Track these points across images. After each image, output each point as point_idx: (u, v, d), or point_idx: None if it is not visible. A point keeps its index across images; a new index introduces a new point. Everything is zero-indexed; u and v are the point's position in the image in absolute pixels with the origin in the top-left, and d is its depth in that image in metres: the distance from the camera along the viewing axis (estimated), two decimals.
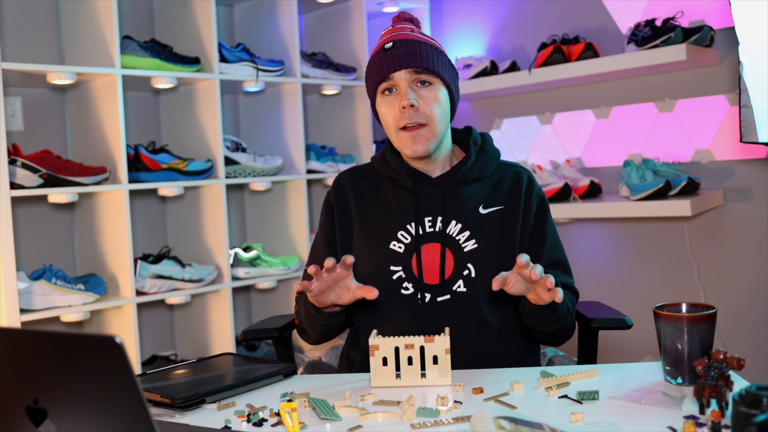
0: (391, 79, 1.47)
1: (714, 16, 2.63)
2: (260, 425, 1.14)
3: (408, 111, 1.45)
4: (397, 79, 1.47)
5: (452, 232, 1.51)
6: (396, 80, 1.47)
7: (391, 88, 1.48)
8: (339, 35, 3.22)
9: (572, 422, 1.07)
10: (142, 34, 2.87)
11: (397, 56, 1.46)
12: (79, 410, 0.83)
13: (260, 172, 2.84)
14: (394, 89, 1.48)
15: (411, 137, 1.47)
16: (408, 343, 1.28)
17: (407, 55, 1.46)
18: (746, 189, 2.59)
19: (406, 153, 1.50)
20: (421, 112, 1.46)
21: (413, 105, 1.45)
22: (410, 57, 1.46)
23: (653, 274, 2.82)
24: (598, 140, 2.95)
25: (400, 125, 1.47)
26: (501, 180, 1.57)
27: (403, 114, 1.46)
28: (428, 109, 1.47)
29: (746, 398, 0.90)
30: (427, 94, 1.47)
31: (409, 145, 1.48)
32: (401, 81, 1.46)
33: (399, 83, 1.47)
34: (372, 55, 1.52)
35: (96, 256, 2.61)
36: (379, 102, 1.51)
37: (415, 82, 1.47)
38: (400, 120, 1.47)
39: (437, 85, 1.48)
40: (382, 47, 1.49)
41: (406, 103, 1.45)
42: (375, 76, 1.49)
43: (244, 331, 1.74)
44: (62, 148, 2.72)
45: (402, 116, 1.46)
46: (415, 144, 1.47)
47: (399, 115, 1.47)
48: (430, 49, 1.48)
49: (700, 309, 1.25)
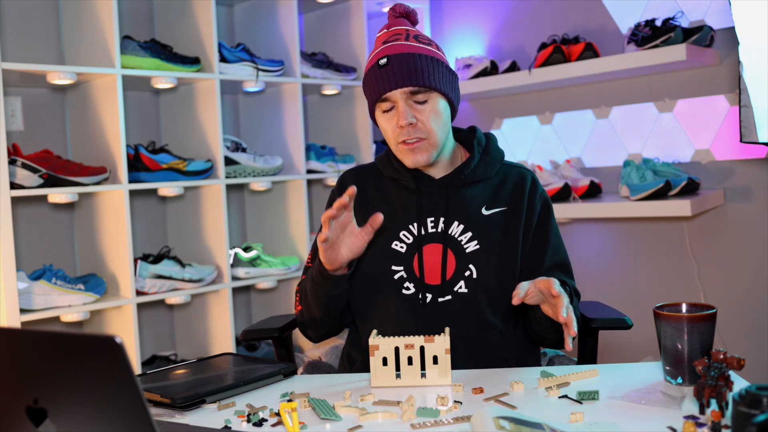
0: (388, 99, 1.47)
1: (714, 16, 2.63)
2: (260, 425, 1.14)
3: (407, 129, 1.46)
4: (393, 99, 1.46)
5: (454, 232, 1.51)
6: (392, 99, 1.46)
7: (390, 103, 1.48)
8: (339, 35, 3.22)
9: (572, 422, 1.07)
10: (142, 34, 2.87)
11: (392, 74, 1.45)
12: (79, 410, 0.83)
13: (260, 172, 2.84)
14: (393, 105, 1.48)
15: (410, 150, 1.47)
16: (408, 343, 1.28)
17: (402, 72, 1.44)
18: (746, 189, 2.59)
19: (406, 164, 1.50)
20: (420, 128, 1.46)
21: (411, 123, 1.45)
22: (405, 75, 1.44)
23: (653, 274, 2.82)
24: (598, 140, 2.95)
25: (399, 140, 1.48)
26: (504, 181, 1.57)
27: (402, 131, 1.46)
28: (427, 124, 1.46)
29: (746, 398, 0.90)
30: (424, 109, 1.47)
31: (409, 157, 1.48)
32: (398, 100, 1.46)
33: (396, 102, 1.47)
34: (367, 69, 1.51)
35: (96, 256, 2.61)
36: (378, 115, 1.51)
37: (412, 98, 1.46)
38: (399, 135, 1.47)
39: (435, 98, 1.47)
40: (376, 63, 1.48)
41: (404, 122, 1.45)
42: (371, 93, 1.49)
43: (244, 331, 1.74)
44: (62, 148, 2.72)
45: (401, 132, 1.46)
46: (414, 156, 1.48)
47: (398, 131, 1.47)
48: (425, 61, 1.46)
49: (700, 309, 1.25)
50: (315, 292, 1.49)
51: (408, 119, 1.45)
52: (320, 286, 1.47)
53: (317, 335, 1.60)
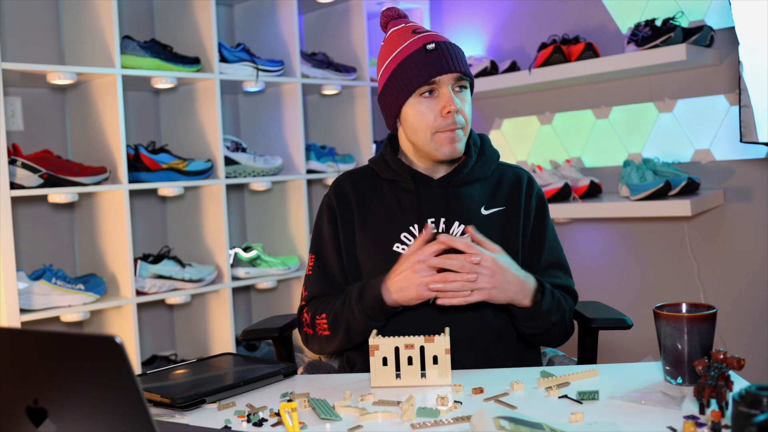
0: (435, 83, 1.47)
1: (714, 16, 2.63)
2: (260, 425, 1.14)
3: (452, 115, 1.46)
4: (441, 83, 1.47)
5: (455, 233, 1.51)
6: (440, 83, 1.47)
7: (432, 90, 1.48)
8: (339, 35, 3.22)
9: (572, 422, 1.07)
10: (142, 34, 2.87)
11: (443, 58, 1.46)
12: (79, 410, 0.83)
13: (260, 172, 2.84)
14: (435, 91, 1.48)
15: (449, 138, 1.47)
16: (408, 343, 1.28)
17: (451, 58, 1.47)
18: (746, 189, 2.59)
19: (442, 153, 1.49)
20: (461, 116, 1.48)
21: (459, 110, 1.47)
22: (454, 60, 1.47)
23: (653, 274, 2.82)
24: (598, 140, 2.95)
25: (440, 128, 1.47)
26: (501, 181, 1.58)
27: (446, 118, 1.46)
28: (467, 113, 1.49)
29: (746, 398, 0.90)
30: (465, 98, 1.50)
31: (448, 146, 1.48)
32: (445, 85, 1.47)
33: (442, 87, 1.47)
34: (406, 55, 1.49)
35: (96, 256, 2.61)
36: (415, 103, 1.49)
37: (456, 85, 1.48)
38: (441, 123, 1.47)
39: (468, 89, 1.51)
40: (422, 47, 1.47)
41: (454, 108, 1.45)
42: (416, 77, 1.47)
43: (244, 331, 1.74)
44: (62, 148, 2.72)
45: (444, 120, 1.47)
46: (453, 144, 1.48)
47: (441, 119, 1.47)
48: (461, 52, 1.51)
49: (700, 309, 1.25)
50: (364, 325, 1.45)
51: (457, 105, 1.46)
52: (374, 320, 1.45)
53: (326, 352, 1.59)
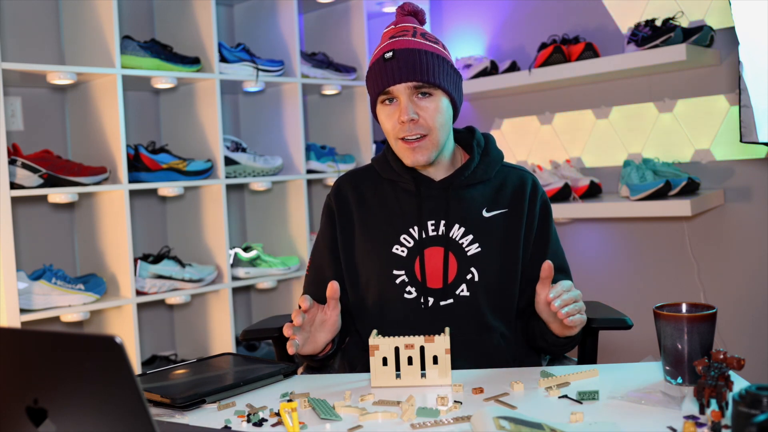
0: (390, 93, 1.45)
1: (714, 16, 2.63)
2: (260, 425, 1.14)
3: (408, 124, 1.44)
4: (396, 92, 1.45)
5: (456, 235, 1.50)
6: (395, 93, 1.45)
7: (392, 98, 1.46)
8: (339, 35, 3.22)
9: (572, 422, 1.07)
10: (142, 34, 2.87)
11: (396, 68, 1.43)
12: (79, 410, 0.83)
13: (260, 172, 2.84)
14: (394, 99, 1.47)
15: (411, 149, 1.46)
16: (408, 343, 1.28)
17: (407, 67, 1.43)
18: (746, 189, 2.59)
19: (406, 163, 1.49)
20: (421, 124, 1.45)
21: (413, 119, 1.44)
22: (410, 70, 1.43)
23: (653, 274, 2.82)
24: (598, 140, 2.95)
25: (399, 136, 1.46)
26: (504, 183, 1.56)
27: (402, 126, 1.45)
28: (429, 121, 1.45)
29: (746, 398, 0.90)
30: (427, 105, 1.45)
31: (408, 156, 1.47)
32: (401, 94, 1.44)
33: (399, 96, 1.45)
34: (372, 62, 1.50)
35: (96, 256, 2.61)
36: (379, 109, 1.50)
37: (415, 94, 1.45)
38: (399, 131, 1.46)
39: (438, 96, 1.46)
40: (382, 56, 1.46)
41: (405, 118, 1.43)
42: (374, 86, 1.47)
43: (244, 331, 1.74)
44: (62, 148, 2.72)
45: (402, 128, 1.45)
46: (414, 155, 1.46)
47: (399, 127, 1.45)
48: (431, 58, 1.45)
49: (700, 309, 1.25)
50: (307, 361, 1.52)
51: (410, 115, 1.43)
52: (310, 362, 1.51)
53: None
